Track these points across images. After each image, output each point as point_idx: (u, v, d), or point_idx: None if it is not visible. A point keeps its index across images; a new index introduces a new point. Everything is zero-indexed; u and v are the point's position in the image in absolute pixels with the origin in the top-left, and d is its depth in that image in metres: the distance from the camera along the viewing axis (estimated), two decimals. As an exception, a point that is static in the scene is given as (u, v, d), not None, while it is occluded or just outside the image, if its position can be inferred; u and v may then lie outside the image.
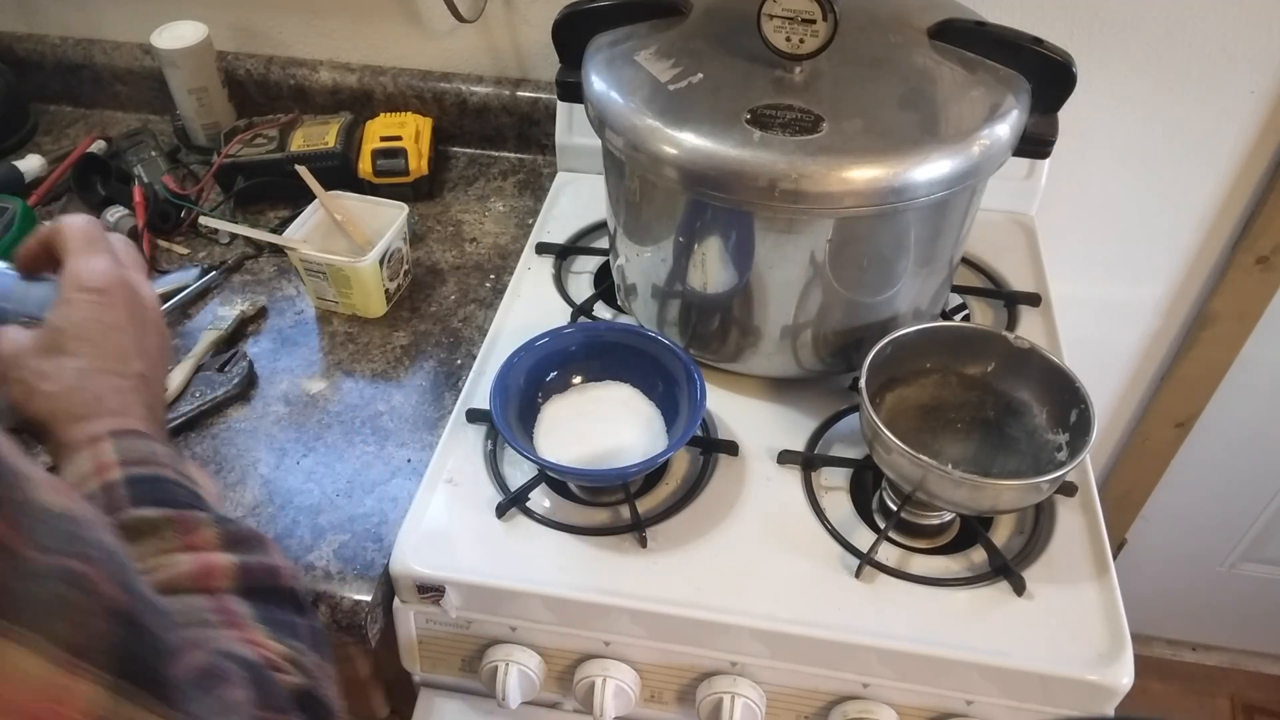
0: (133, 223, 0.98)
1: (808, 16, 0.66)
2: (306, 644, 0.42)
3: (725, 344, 0.80)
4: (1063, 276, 0.97)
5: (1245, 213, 1.06)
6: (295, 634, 0.42)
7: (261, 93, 1.13)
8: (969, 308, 0.91)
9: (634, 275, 0.82)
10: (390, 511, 0.74)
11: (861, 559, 0.69)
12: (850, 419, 0.80)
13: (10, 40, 1.16)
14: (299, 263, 0.89)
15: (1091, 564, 0.70)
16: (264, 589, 0.43)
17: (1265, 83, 0.95)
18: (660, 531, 0.72)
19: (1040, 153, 0.73)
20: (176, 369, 0.83)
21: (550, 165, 1.09)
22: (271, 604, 0.42)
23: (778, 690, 0.71)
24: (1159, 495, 1.38)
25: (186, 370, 0.83)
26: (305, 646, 0.42)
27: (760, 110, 0.67)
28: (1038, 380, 0.71)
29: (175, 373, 0.83)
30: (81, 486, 0.44)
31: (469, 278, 0.96)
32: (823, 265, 0.71)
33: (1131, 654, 0.65)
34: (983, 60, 0.72)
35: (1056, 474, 0.63)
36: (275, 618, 0.42)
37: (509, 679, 0.71)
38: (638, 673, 0.72)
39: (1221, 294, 1.11)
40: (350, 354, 0.88)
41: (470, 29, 1.07)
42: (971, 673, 0.66)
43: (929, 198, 0.67)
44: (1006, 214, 1.00)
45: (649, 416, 0.76)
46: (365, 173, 1.02)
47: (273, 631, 0.41)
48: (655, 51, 0.73)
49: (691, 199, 0.71)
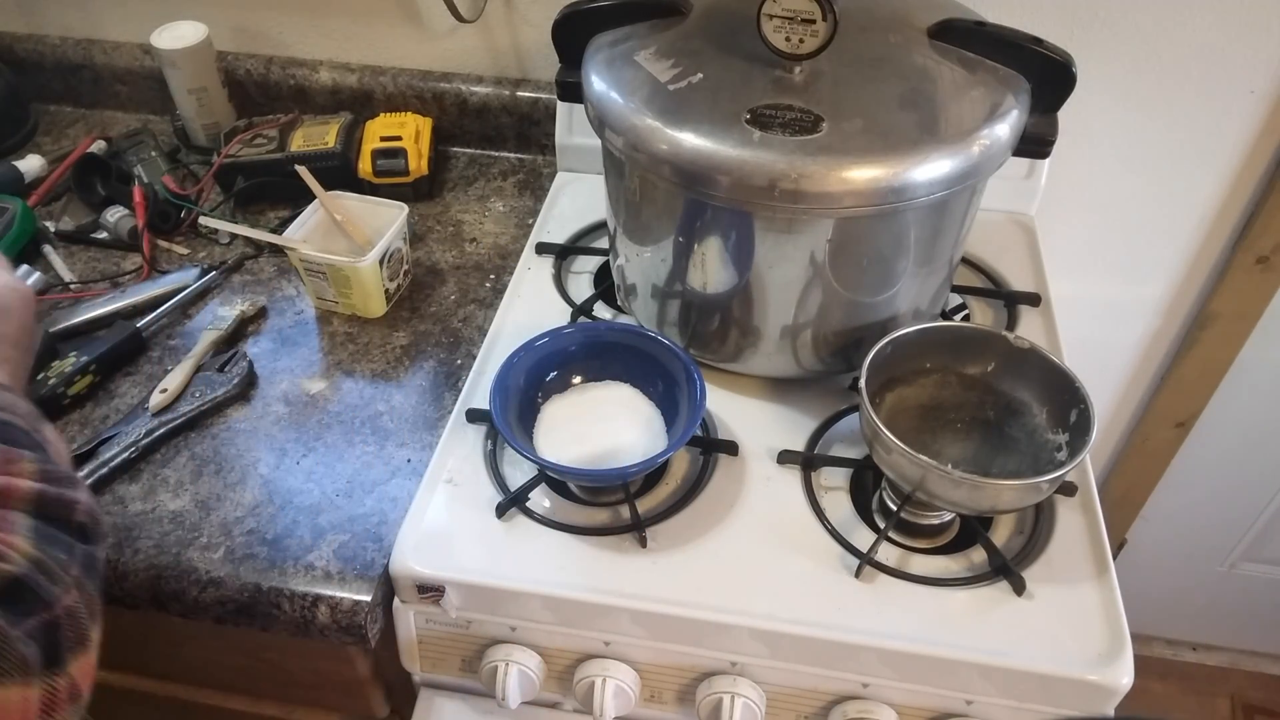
0: (133, 223, 0.98)
1: (807, 16, 0.66)
2: (74, 563, 0.47)
3: (725, 344, 0.80)
4: (1063, 276, 0.97)
5: (1245, 212, 1.06)
6: (64, 551, 0.47)
7: (261, 93, 1.13)
8: (969, 308, 0.91)
9: (634, 275, 0.82)
10: (390, 511, 0.74)
11: (861, 559, 0.69)
12: (850, 419, 0.80)
13: (10, 40, 1.16)
14: (299, 263, 0.89)
15: (1091, 564, 0.70)
16: (54, 517, 0.48)
17: (1265, 82, 0.95)
18: (660, 531, 0.72)
19: (1040, 153, 0.73)
20: (176, 369, 0.83)
21: (550, 165, 1.09)
22: (55, 527, 0.47)
23: (778, 690, 0.71)
24: (1159, 495, 1.38)
25: (186, 370, 0.83)
26: (68, 561, 0.46)
27: (760, 110, 0.67)
28: (1038, 380, 0.71)
29: (175, 373, 0.83)
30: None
31: (469, 278, 0.96)
32: (822, 265, 0.71)
33: (1131, 654, 0.65)
34: (983, 60, 0.72)
35: (1056, 474, 0.63)
36: (50, 534, 0.47)
37: (509, 679, 0.71)
38: (638, 673, 0.72)
39: (1221, 294, 1.11)
40: (350, 354, 0.88)
41: (470, 29, 1.07)
42: (971, 673, 0.66)
43: (929, 198, 0.67)
44: (1006, 214, 1.00)
45: (649, 416, 0.76)
46: (365, 173, 1.02)
47: (36, 540, 0.45)
48: (655, 51, 0.73)
49: (691, 199, 0.71)
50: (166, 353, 0.88)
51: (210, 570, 0.71)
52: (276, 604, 0.70)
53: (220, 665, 0.84)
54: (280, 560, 0.71)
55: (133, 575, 0.71)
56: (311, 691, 0.83)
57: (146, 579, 0.71)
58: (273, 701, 0.87)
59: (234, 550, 0.72)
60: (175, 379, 0.82)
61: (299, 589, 0.69)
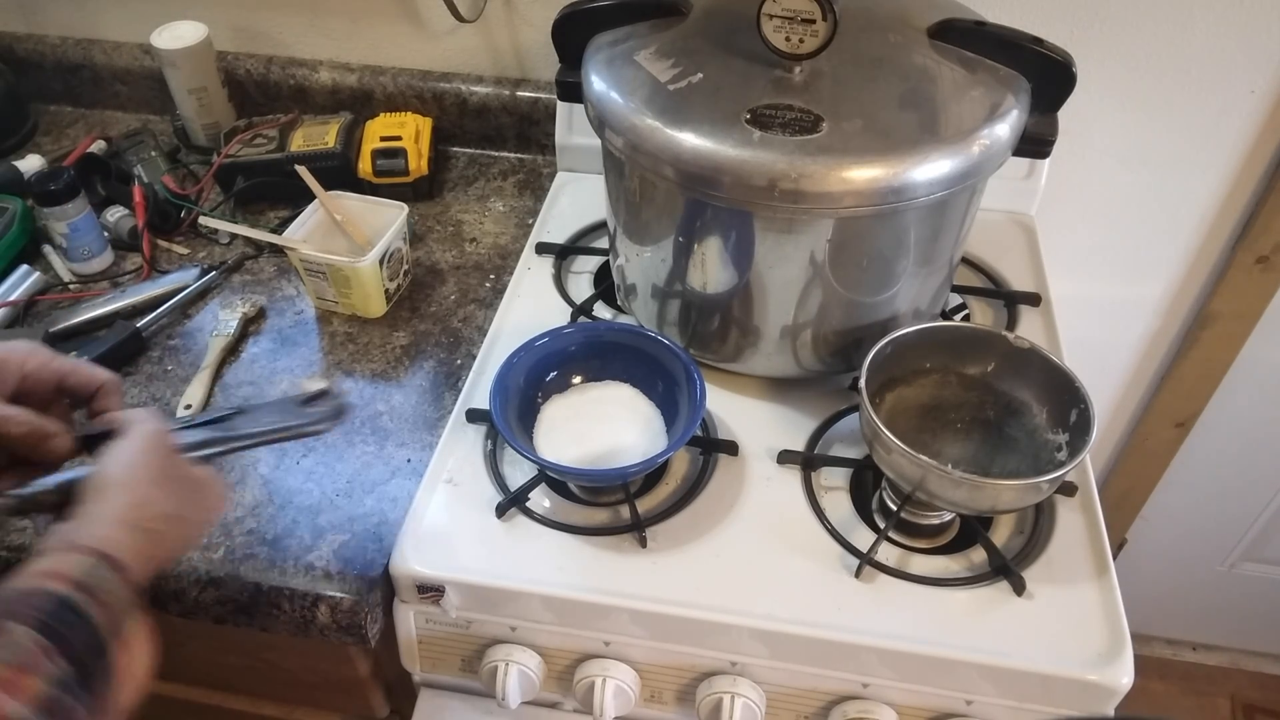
0: (133, 223, 0.98)
1: (807, 16, 0.66)
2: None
3: (725, 344, 0.80)
4: (1063, 276, 0.97)
5: (1245, 212, 1.06)
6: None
7: (261, 93, 1.13)
8: (969, 308, 0.91)
9: (634, 275, 0.82)
10: (390, 511, 0.74)
11: (861, 559, 0.69)
12: (850, 419, 0.80)
13: (10, 40, 1.16)
14: (299, 263, 0.89)
15: (1091, 564, 0.70)
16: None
17: (1265, 82, 0.95)
18: (660, 531, 0.72)
19: (1040, 153, 0.73)
20: (195, 381, 0.83)
21: (550, 165, 1.09)
22: None
23: (778, 690, 0.71)
24: (1159, 495, 1.38)
25: (204, 382, 0.83)
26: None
27: (760, 110, 0.67)
28: (1038, 380, 0.71)
29: (194, 385, 0.83)
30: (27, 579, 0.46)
31: (469, 278, 0.96)
32: (822, 265, 0.71)
33: (1131, 654, 0.65)
34: (983, 60, 0.71)
35: (1056, 474, 0.63)
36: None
37: (509, 679, 0.71)
38: (638, 673, 0.72)
39: (1221, 294, 1.11)
40: (350, 354, 0.88)
41: (470, 29, 1.07)
42: (971, 673, 0.66)
43: (929, 198, 0.67)
44: (1006, 214, 1.00)
45: (649, 416, 0.76)
46: (365, 173, 1.02)
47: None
48: (655, 51, 0.73)
49: (691, 199, 0.71)
50: (167, 353, 0.88)
51: (210, 570, 0.71)
52: (276, 604, 0.70)
53: (220, 665, 0.84)
54: (280, 560, 0.71)
55: (133, 575, 0.71)
56: (311, 691, 0.83)
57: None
58: (273, 701, 0.87)
59: (234, 550, 0.72)
60: (197, 393, 0.82)
61: (299, 589, 0.69)
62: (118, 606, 0.48)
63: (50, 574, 0.46)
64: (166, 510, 0.54)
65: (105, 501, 0.51)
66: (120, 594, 0.48)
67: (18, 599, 0.45)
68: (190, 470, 0.57)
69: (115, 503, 0.51)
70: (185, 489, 0.56)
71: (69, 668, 0.44)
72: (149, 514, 0.52)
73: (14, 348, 0.56)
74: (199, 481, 0.57)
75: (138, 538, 0.51)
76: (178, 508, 0.54)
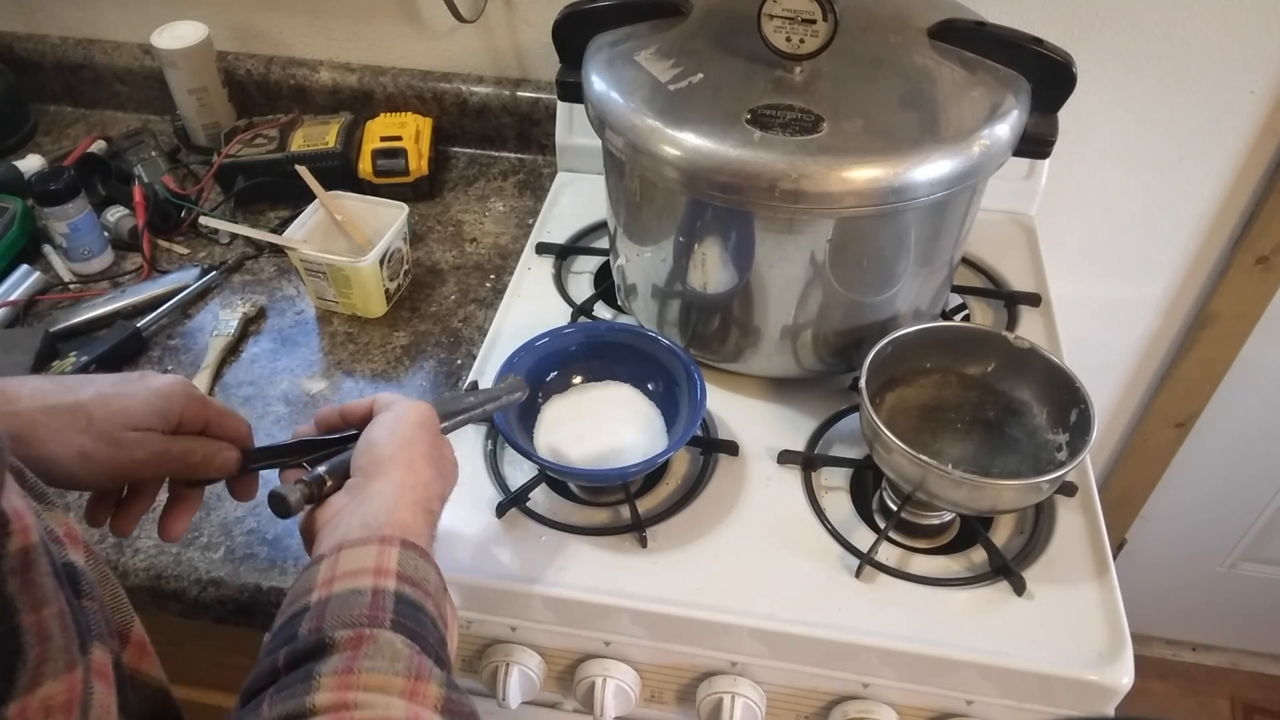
0: (133, 223, 0.98)
1: (808, 16, 0.66)
2: None
3: (725, 344, 0.80)
4: (1063, 276, 0.97)
5: (1245, 213, 1.06)
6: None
7: (261, 93, 1.13)
8: (969, 308, 0.91)
9: (634, 275, 0.82)
10: (390, 511, 0.74)
11: (862, 559, 0.69)
12: (850, 419, 0.80)
13: (10, 40, 1.16)
14: (299, 263, 0.89)
15: (1091, 564, 0.70)
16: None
17: (1265, 83, 0.95)
18: (660, 531, 0.72)
19: (1040, 153, 0.73)
20: (197, 378, 0.83)
21: (550, 165, 1.09)
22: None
23: (778, 690, 0.71)
24: (1159, 495, 1.38)
25: (204, 382, 0.83)
26: None
27: (760, 110, 0.67)
28: (1038, 380, 0.71)
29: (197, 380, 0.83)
30: (353, 578, 0.45)
31: (469, 278, 0.96)
32: (823, 265, 0.71)
33: (1131, 654, 0.65)
34: (983, 60, 0.72)
35: (1056, 474, 0.63)
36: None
37: (509, 679, 0.71)
38: (638, 673, 0.72)
39: (1221, 294, 1.11)
40: (350, 354, 0.88)
41: (470, 29, 1.07)
42: (971, 673, 0.66)
43: (929, 198, 0.67)
44: (1006, 214, 1.00)
45: (649, 416, 0.76)
46: (365, 173, 1.02)
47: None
48: (655, 51, 0.73)
49: (692, 199, 0.71)
50: (167, 353, 0.88)
51: (210, 570, 0.71)
52: (276, 604, 0.69)
53: (220, 665, 0.84)
54: (280, 560, 0.71)
55: (133, 575, 0.71)
56: (311, 691, 0.83)
57: (146, 579, 0.71)
58: (273, 701, 0.87)
59: (234, 550, 0.72)
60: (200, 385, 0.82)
61: (299, 589, 0.69)
62: (437, 595, 0.48)
63: (379, 571, 0.45)
64: (443, 492, 0.54)
65: (388, 479, 0.51)
66: (435, 580, 0.49)
67: (356, 599, 0.44)
68: (446, 448, 0.57)
69: (401, 483, 0.51)
70: (446, 467, 0.56)
71: (437, 664, 0.43)
72: (431, 495, 0.53)
73: (173, 383, 0.55)
74: (450, 459, 0.57)
75: (425, 520, 0.51)
76: (444, 488, 0.55)
